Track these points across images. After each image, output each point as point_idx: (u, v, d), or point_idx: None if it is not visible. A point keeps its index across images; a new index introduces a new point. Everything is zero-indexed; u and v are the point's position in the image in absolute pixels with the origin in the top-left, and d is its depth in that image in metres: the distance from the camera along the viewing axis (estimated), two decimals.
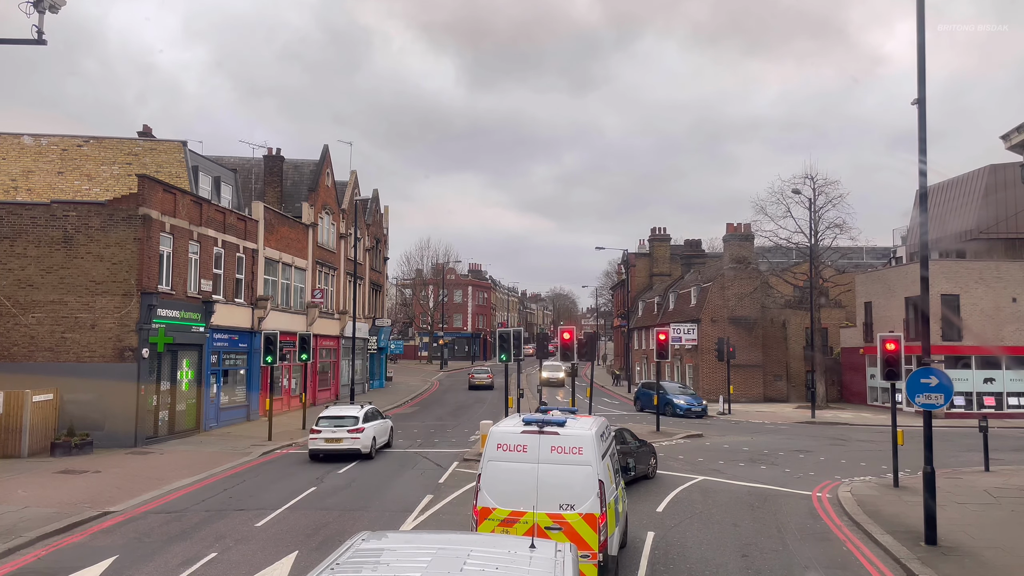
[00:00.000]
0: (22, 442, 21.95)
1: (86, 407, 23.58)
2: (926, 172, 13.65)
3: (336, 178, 45.09)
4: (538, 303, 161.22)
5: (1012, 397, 38.06)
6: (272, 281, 34.96)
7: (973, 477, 19.93)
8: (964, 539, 13.35)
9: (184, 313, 26.54)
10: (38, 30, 12.45)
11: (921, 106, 13.43)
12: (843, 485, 18.92)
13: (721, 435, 30.63)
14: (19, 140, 32.13)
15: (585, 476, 9.71)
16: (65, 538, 13.53)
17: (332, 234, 44.04)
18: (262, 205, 34.13)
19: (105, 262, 24.30)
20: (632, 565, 11.80)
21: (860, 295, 46.00)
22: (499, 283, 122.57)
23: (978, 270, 39.08)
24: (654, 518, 15.18)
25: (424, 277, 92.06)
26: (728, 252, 50.83)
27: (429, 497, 17.19)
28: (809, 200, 42.82)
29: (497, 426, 10.61)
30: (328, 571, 4.90)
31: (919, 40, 13.30)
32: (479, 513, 9.85)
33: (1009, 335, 38.06)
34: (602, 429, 11.19)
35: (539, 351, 34.50)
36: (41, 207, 24.90)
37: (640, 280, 70.86)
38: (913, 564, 11.81)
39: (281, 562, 11.98)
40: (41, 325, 24.09)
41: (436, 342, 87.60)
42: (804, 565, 12.13)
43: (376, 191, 55.60)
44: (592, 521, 9.49)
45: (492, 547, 5.60)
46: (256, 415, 32.15)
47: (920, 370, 13.58)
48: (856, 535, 14.17)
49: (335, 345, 44.18)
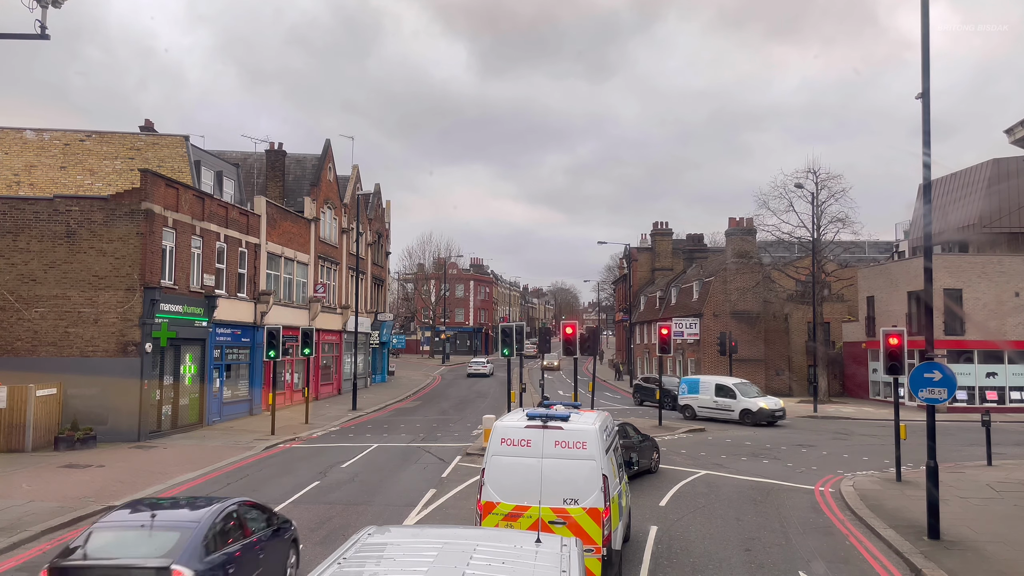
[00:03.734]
0: (26, 436, 22.01)
1: (89, 402, 23.63)
2: (930, 164, 13.63)
3: (338, 172, 45.07)
4: (540, 298, 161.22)
5: (1015, 391, 38.04)
6: (274, 276, 34.97)
7: (976, 471, 19.94)
8: (967, 533, 13.36)
9: (187, 308, 26.56)
10: (41, 25, 12.41)
11: (925, 99, 13.40)
12: (845, 479, 18.94)
13: (723, 429, 30.65)
14: (21, 135, 32.12)
15: (589, 470, 9.72)
16: (69, 532, 13.55)
17: (334, 229, 44.04)
18: (264, 200, 34.13)
19: (108, 257, 24.32)
20: (636, 559, 11.82)
21: (862, 289, 45.95)
22: (501, 278, 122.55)
23: (980, 264, 39.01)
24: (657, 512, 15.20)
25: (426, 272, 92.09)
26: (730, 246, 50.79)
27: (432, 491, 17.23)
28: (812, 194, 42.77)
29: (501, 421, 10.62)
30: (335, 565, 4.92)
31: (923, 36, 13.25)
32: (483, 507, 9.87)
33: (1012, 329, 38.02)
34: (605, 423, 11.21)
35: (541, 346, 34.48)
36: (44, 202, 24.90)
37: (642, 274, 70.82)
38: (916, 558, 11.82)
39: None
40: (44, 320, 24.12)
41: (438, 337, 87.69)
42: (807, 559, 12.15)
43: (378, 185, 55.60)
44: (596, 515, 9.51)
45: (498, 541, 5.61)
46: (259, 410, 32.21)
47: (923, 364, 13.56)
48: (859, 529, 14.19)
49: (337, 340, 44.21)
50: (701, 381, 34.59)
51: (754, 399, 32.67)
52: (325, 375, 42.37)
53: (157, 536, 8.38)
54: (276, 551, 10.14)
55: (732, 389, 33.17)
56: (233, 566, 8.65)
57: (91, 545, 8.20)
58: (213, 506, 9.11)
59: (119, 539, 8.39)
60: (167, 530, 8.44)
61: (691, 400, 34.18)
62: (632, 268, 71.34)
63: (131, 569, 7.89)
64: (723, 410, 32.94)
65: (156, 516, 8.91)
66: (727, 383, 33.77)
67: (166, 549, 8.05)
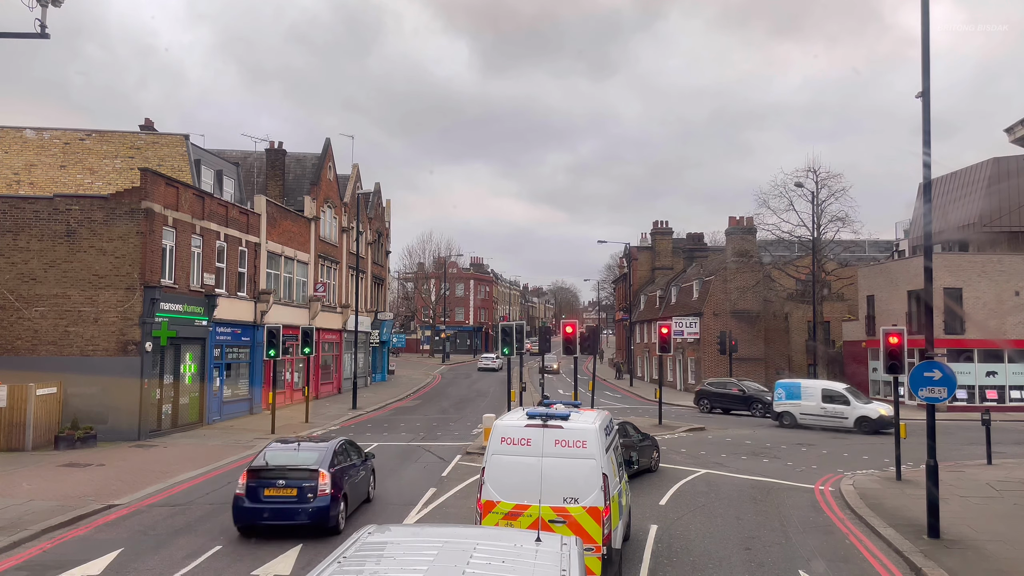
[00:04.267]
0: (26, 436, 22.01)
1: (90, 401, 23.64)
2: (930, 164, 13.63)
3: (338, 171, 45.07)
4: (540, 297, 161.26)
5: (1015, 390, 38.03)
6: (274, 275, 34.98)
7: (976, 470, 19.94)
8: (967, 532, 13.36)
9: (187, 307, 26.57)
10: (41, 24, 12.41)
11: (925, 98, 13.40)
12: (845, 478, 18.95)
13: (723, 428, 30.66)
14: (21, 134, 32.12)
15: (589, 469, 9.72)
16: (70, 531, 13.58)
17: (334, 228, 44.04)
18: (264, 199, 34.13)
19: (108, 256, 24.32)
20: (636, 558, 11.82)
21: (863, 288, 45.95)
22: (501, 277, 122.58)
23: (980, 263, 39.00)
24: (657, 511, 15.20)
25: (426, 271, 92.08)
26: (730, 245, 50.80)
27: (432, 490, 17.23)
28: (812, 193, 42.78)
29: (501, 420, 10.62)
30: (335, 564, 4.91)
31: (923, 35, 13.24)
32: (483, 506, 9.87)
33: (1012, 328, 38.02)
34: (606, 422, 11.21)
35: (541, 345, 34.49)
36: (44, 201, 24.90)
37: (642, 273, 70.84)
38: (916, 557, 11.82)
39: (286, 555, 12.02)
40: (44, 319, 24.13)
41: (438, 336, 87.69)
42: (807, 558, 12.15)
43: (378, 184, 55.59)
44: (596, 514, 9.51)
45: (498, 540, 5.60)
46: (259, 408, 32.21)
47: (924, 363, 13.55)
48: (858, 528, 14.19)
49: (337, 339, 44.22)
50: (803, 386, 32.42)
51: (871, 405, 30.65)
52: (325, 374, 42.38)
53: (304, 454, 13.95)
54: (365, 472, 15.78)
55: (844, 395, 30.78)
56: (346, 475, 14.30)
57: (268, 458, 13.73)
58: (332, 441, 14.88)
59: (283, 455, 13.89)
60: (309, 451, 14.06)
61: (790, 406, 31.79)
62: (632, 267, 71.36)
63: (296, 468, 13.35)
64: (833, 417, 30.56)
65: (300, 445, 14.60)
66: (836, 388, 31.69)
67: (312, 460, 13.61)
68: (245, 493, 13.09)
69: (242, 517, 13.06)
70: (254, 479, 13.18)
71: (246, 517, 13.04)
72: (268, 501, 13.00)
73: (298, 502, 12.99)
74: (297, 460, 13.66)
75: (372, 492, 16.36)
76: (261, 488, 13.09)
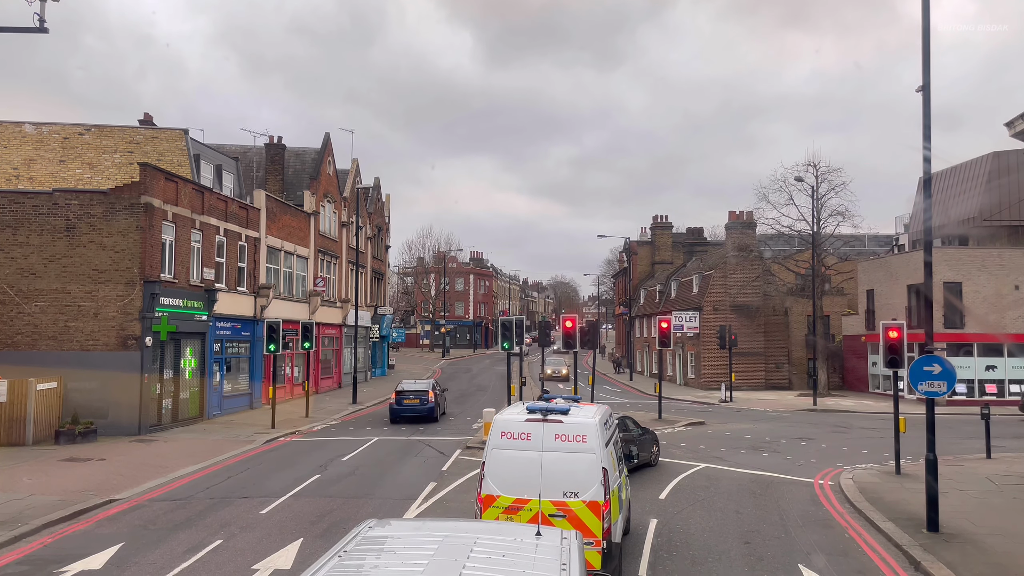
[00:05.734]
0: (26, 430, 22.04)
1: (90, 395, 23.66)
2: (931, 158, 13.61)
3: (338, 166, 45.02)
4: (540, 291, 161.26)
5: (1014, 384, 38.06)
6: (274, 269, 34.96)
7: (975, 464, 19.97)
8: (966, 526, 13.39)
9: (187, 301, 26.57)
10: (40, 18, 12.38)
11: (926, 93, 13.38)
12: (845, 472, 18.98)
13: (723, 423, 30.70)
14: (20, 128, 32.06)
15: (589, 464, 9.73)
16: (70, 526, 13.61)
17: (334, 222, 44.01)
18: (264, 193, 34.09)
19: (108, 251, 24.31)
20: (635, 552, 11.85)
21: (862, 283, 45.97)
22: (501, 271, 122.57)
23: (980, 257, 39.01)
24: (657, 505, 15.24)
25: (426, 265, 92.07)
26: (730, 240, 50.77)
27: (432, 485, 17.26)
28: (812, 188, 42.73)
29: (501, 414, 10.63)
30: (335, 558, 4.92)
31: (924, 30, 13.21)
32: (483, 500, 9.88)
33: (1011, 322, 38.04)
34: (605, 417, 11.22)
35: (541, 340, 34.48)
36: (43, 196, 24.87)
37: (642, 268, 70.83)
38: (915, 551, 11.85)
39: (286, 549, 12.04)
40: (44, 314, 24.13)
41: (438, 330, 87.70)
42: (806, 552, 12.18)
43: (377, 179, 55.54)
44: (596, 508, 9.53)
45: (498, 534, 5.61)
46: (259, 403, 32.24)
47: (923, 357, 13.56)
48: (858, 522, 14.22)
49: (337, 333, 44.24)
50: None
51: None
52: (325, 369, 42.41)
53: (421, 383, 30.10)
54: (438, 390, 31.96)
55: None
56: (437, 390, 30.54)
57: (402, 388, 29.23)
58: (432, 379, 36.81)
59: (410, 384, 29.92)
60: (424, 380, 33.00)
61: None
62: (632, 262, 71.33)
63: (420, 391, 28.93)
64: None
65: (417, 379, 33.36)
66: None
67: (425, 386, 29.66)
68: (395, 401, 28.47)
69: (393, 414, 28.33)
70: (398, 396, 28.47)
71: (395, 414, 28.30)
72: (405, 407, 28.35)
73: (421, 405, 28.29)
74: (417, 386, 29.39)
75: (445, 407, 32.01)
76: (402, 399, 28.35)
